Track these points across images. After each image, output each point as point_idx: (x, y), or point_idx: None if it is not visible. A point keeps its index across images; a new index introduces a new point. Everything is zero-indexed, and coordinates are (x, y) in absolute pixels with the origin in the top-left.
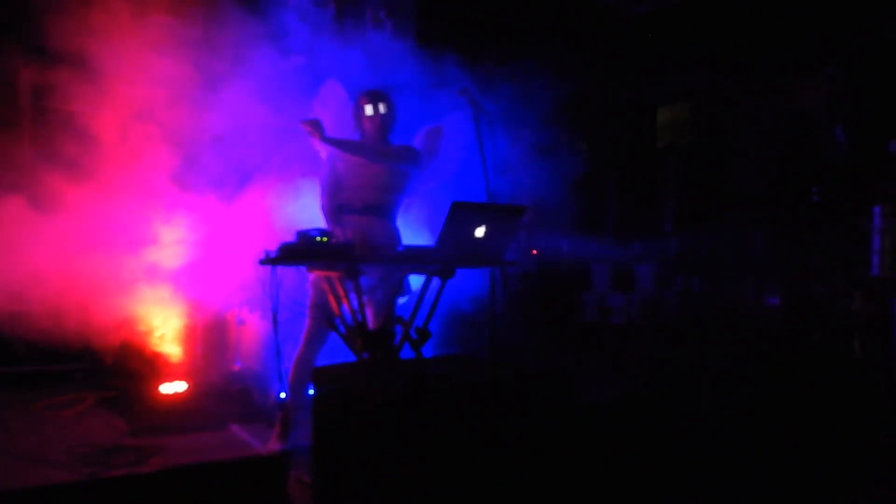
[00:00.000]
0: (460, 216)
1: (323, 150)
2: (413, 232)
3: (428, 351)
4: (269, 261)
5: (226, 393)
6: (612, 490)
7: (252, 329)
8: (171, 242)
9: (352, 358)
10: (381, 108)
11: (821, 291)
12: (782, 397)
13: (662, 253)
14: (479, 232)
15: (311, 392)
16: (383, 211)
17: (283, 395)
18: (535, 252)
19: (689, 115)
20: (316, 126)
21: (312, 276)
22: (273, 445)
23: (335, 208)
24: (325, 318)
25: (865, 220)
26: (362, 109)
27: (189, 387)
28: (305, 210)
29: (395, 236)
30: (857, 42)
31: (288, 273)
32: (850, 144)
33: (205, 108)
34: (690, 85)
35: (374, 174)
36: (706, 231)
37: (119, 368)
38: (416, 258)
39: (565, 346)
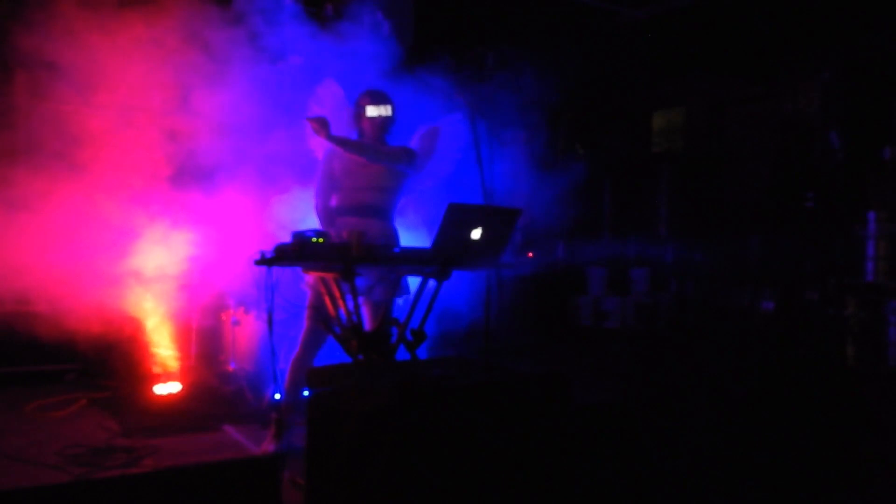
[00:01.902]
0: (457, 217)
1: (319, 150)
2: (411, 233)
3: (423, 353)
4: (265, 261)
5: (220, 394)
6: (607, 493)
7: (247, 330)
8: (166, 243)
9: (347, 359)
10: (383, 109)
11: (815, 297)
12: (775, 402)
13: (657, 257)
14: (476, 234)
15: (306, 393)
16: (380, 211)
17: (277, 396)
18: (531, 255)
19: (683, 121)
20: (322, 123)
21: (308, 277)
22: (267, 447)
23: (331, 209)
24: (320, 320)
25: (860, 227)
26: (363, 109)
27: (183, 387)
28: (298, 211)
29: (393, 237)
30: (851, 48)
31: (284, 274)
32: (845, 150)
33: (199, 108)
34: (685, 90)
35: (371, 174)
36: (701, 236)
37: (111, 369)
38: (412, 259)
39: (560, 349)
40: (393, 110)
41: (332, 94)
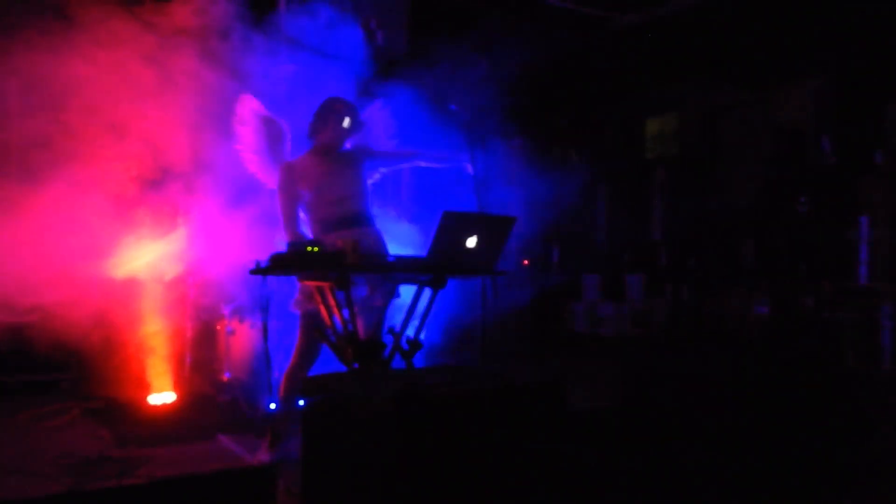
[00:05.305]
0: (451, 226)
1: (267, 177)
2: (404, 243)
3: (419, 361)
4: (260, 270)
5: (214, 403)
6: (603, 500)
7: (242, 339)
8: (160, 252)
9: (343, 368)
10: (355, 122)
11: (809, 301)
12: (771, 406)
13: (652, 263)
14: (471, 242)
15: (302, 402)
16: (365, 218)
17: (272, 405)
18: (526, 262)
19: (677, 126)
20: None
21: (303, 286)
22: (262, 456)
23: (316, 230)
24: (316, 329)
25: (853, 230)
26: (340, 119)
27: (177, 397)
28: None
29: (383, 244)
30: (842, 54)
31: (279, 283)
32: (837, 155)
33: (190, 115)
34: (678, 96)
35: (342, 183)
36: (695, 241)
37: (105, 378)
38: (408, 268)
39: (556, 356)
40: (359, 123)
41: (252, 110)
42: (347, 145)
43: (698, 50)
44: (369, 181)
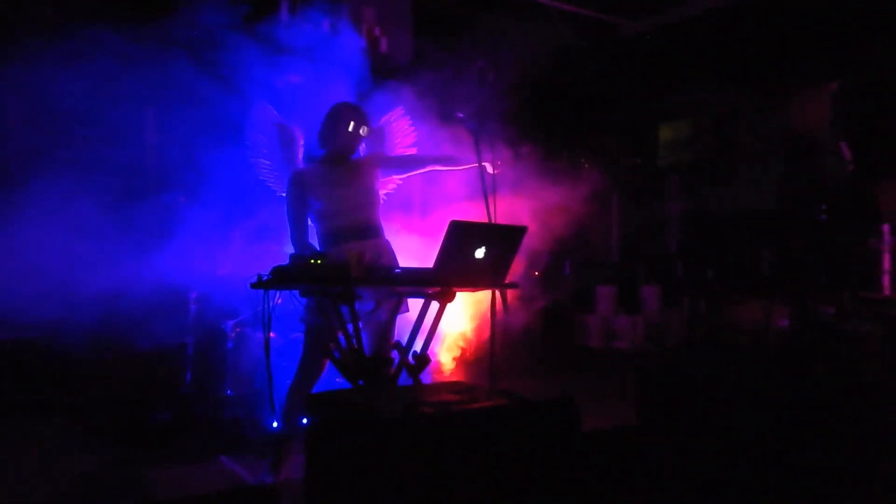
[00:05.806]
0: (459, 236)
1: (277, 184)
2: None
3: (426, 378)
4: (262, 284)
5: (216, 422)
6: None
7: (244, 355)
8: (161, 265)
9: (347, 385)
10: (364, 128)
11: (829, 312)
12: (791, 419)
13: (668, 273)
14: (479, 253)
15: (305, 421)
16: (375, 229)
17: (275, 424)
18: (537, 274)
19: (691, 133)
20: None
21: (307, 300)
22: (264, 477)
23: (330, 237)
24: (320, 344)
25: (874, 239)
26: (345, 124)
27: (177, 416)
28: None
29: (393, 255)
30: (860, 58)
31: (283, 297)
32: (856, 161)
33: (205, 124)
34: (692, 102)
35: (353, 194)
36: (712, 250)
37: (105, 397)
38: (414, 281)
39: (568, 371)
40: (365, 125)
41: (265, 115)
42: (361, 152)
43: (712, 55)
44: (384, 191)
